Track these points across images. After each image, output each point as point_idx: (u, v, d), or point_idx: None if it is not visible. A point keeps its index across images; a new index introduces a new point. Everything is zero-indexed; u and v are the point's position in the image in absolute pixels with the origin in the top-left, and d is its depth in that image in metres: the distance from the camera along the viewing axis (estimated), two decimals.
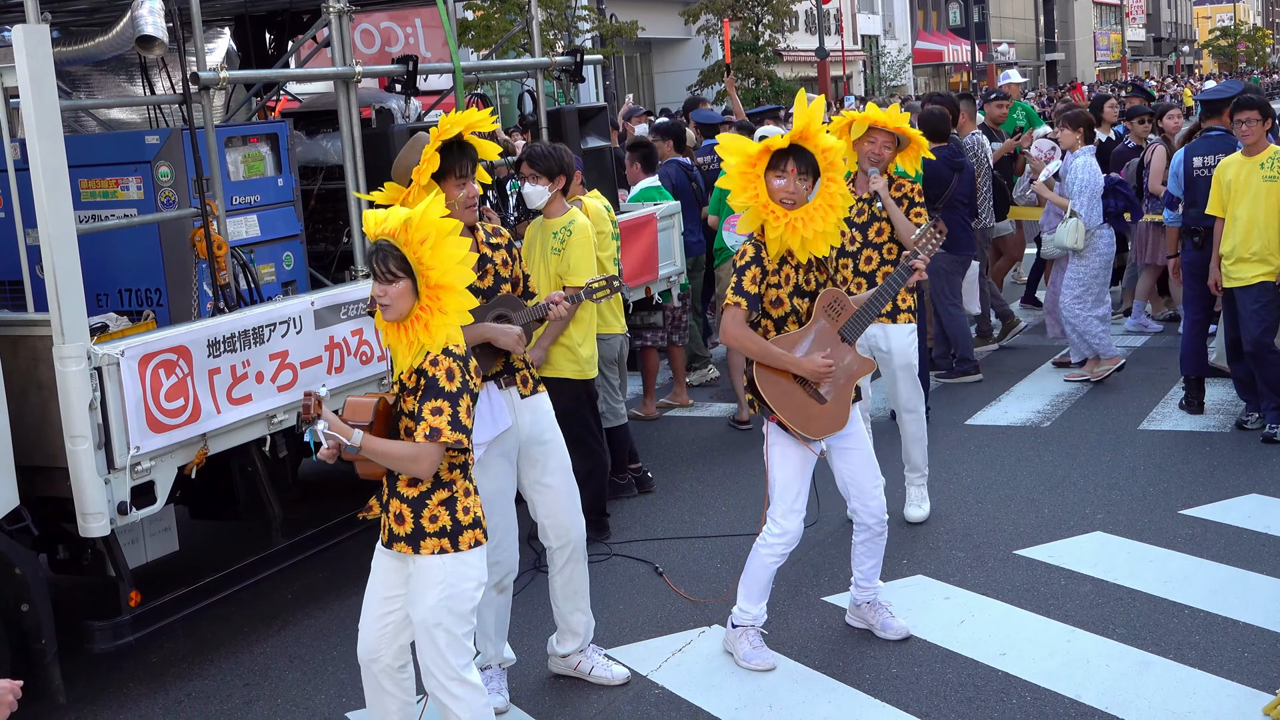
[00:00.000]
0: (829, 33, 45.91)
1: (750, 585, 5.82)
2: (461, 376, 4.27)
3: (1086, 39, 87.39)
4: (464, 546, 4.39)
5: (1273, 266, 8.46)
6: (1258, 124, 8.43)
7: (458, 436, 4.22)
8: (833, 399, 5.61)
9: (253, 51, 8.71)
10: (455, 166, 5.18)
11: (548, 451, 5.47)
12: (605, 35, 30.93)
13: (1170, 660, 5.56)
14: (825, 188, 5.53)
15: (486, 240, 5.35)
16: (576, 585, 5.66)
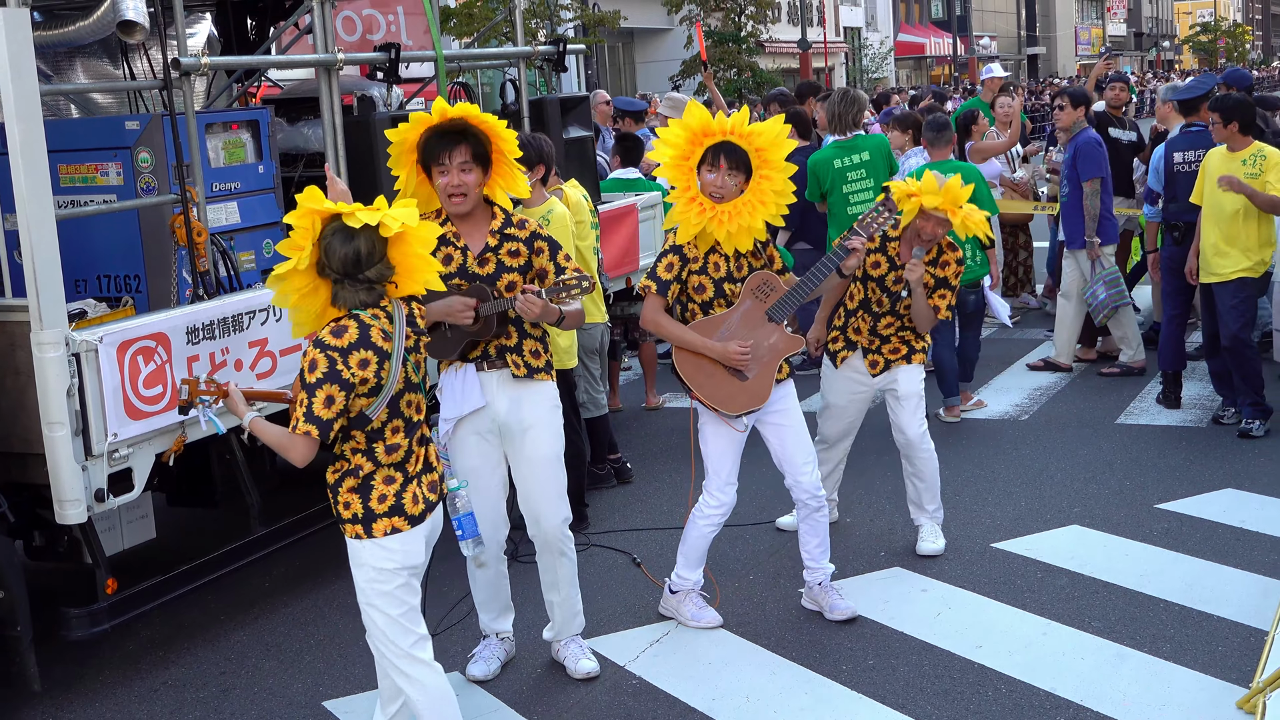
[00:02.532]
0: (811, 24, 45.96)
1: (689, 553, 6.15)
2: (328, 367, 4.25)
3: (1068, 33, 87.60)
4: (378, 533, 4.42)
5: (1251, 262, 8.51)
6: (1219, 127, 8.48)
7: (308, 428, 4.23)
8: (754, 376, 5.81)
9: (234, 37, 8.66)
10: (437, 154, 5.17)
11: (528, 439, 5.47)
12: (588, 24, 30.92)
13: (1145, 654, 5.59)
14: (757, 185, 5.67)
15: (500, 229, 5.35)
16: (549, 576, 5.68)
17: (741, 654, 5.85)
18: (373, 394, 4.34)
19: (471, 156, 5.18)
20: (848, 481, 7.08)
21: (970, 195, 8.85)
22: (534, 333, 5.45)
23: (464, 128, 5.17)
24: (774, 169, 5.68)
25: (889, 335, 6.76)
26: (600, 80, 37.94)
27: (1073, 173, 10.06)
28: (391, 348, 4.37)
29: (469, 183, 5.19)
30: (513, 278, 5.32)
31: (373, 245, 4.32)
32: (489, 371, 5.40)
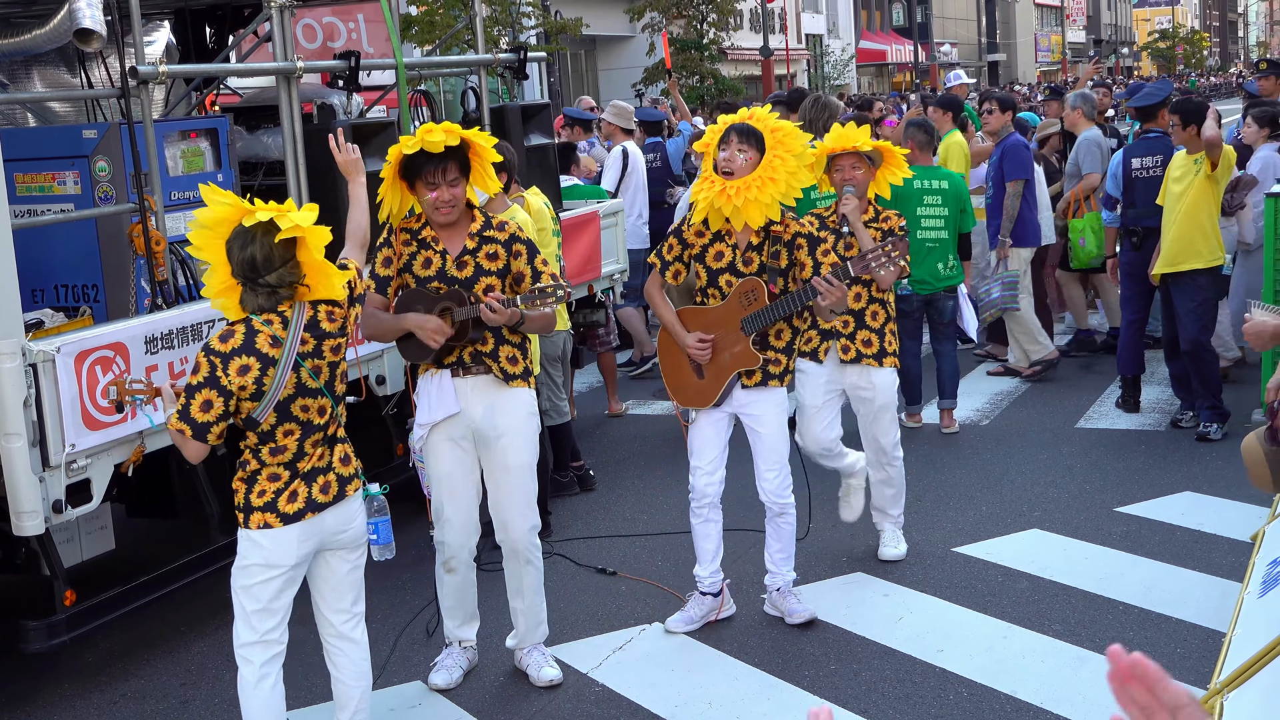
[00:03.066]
0: (773, 31, 46.06)
1: (697, 551, 6.16)
2: (209, 373, 4.37)
3: (1028, 40, 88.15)
4: (252, 526, 4.55)
5: (1204, 259, 8.58)
6: (1178, 129, 8.57)
7: (180, 426, 4.40)
8: (708, 377, 5.92)
9: (192, 45, 8.64)
10: (426, 171, 5.24)
11: (501, 446, 5.49)
12: (550, 32, 30.89)
13: (1104, 656, 5.61)
14: (769, 162, 5.69)
15: (478, 232, 5.39)
16: (515, 583, 5.69)
17: (704, 660, 5.86)
18: (256, 399, 4.39)
19: (459, 171, 5.29)
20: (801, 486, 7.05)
21: (962, 206, 8.93)
22: (511, 339, 5.46)
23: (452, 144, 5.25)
24: (789, 150, 5.73)
25: (860, 312, 6.70)
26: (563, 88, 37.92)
27: (998, 174, 10.27)
28: (280, 354, 4.41)
29: (457, 196, 5.30)
30: (490, 281, 5.35)
31: (270, 250, 4.38)
32: (464, 378, 5.43)
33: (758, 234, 5.82)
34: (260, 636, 4.62)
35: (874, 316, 6.74)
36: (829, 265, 5.86)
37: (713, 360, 5.88)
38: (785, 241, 5.82)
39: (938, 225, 8.99)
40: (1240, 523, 6.99)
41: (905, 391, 9.29)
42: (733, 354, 5.86)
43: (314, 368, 4.52)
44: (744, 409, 5.97)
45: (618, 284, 9.59)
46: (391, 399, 7.37)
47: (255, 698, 4.67)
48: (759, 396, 5.94)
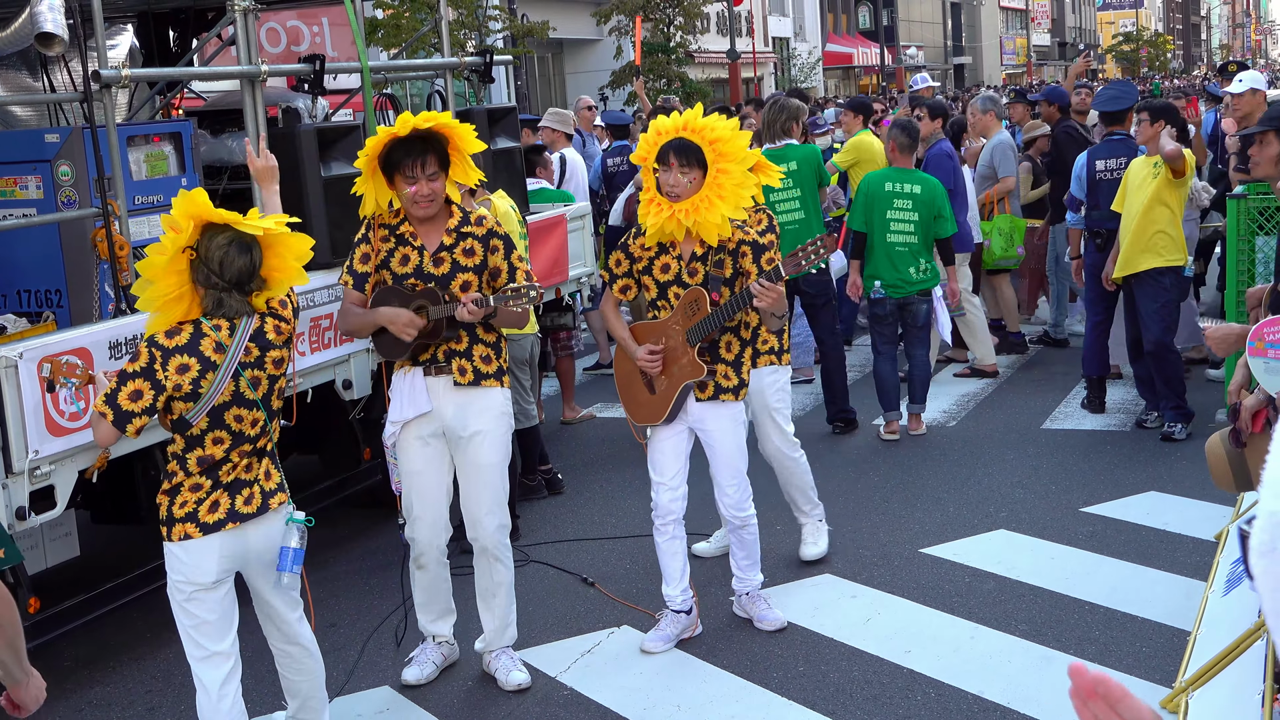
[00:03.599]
0: (740, 35, 46.12)
1: (663, 569, 6.07)
2: (147, 363, 4.36)
3: (993, 43, 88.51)
4: (174, 538, 4.51)
5: (1164, 258, 8.64)
6: (1146, 125, 8.64)
7: (105, 409, 4.36)
8: (659, 392, 5.87)
9: (156, 49, 8.59)
10: (404, 164, 5.26)
11: (472, 445, 5.51)
12: (516, 35, 30.84)
13: (1071, 655, 5.65)
14: (714, 179, 5.60)
15: (456, 228, 5.41)
16: (484, 582, 5.71)
17: (672, 663, 5.86)
18: (191, 399, 4.38)
19: (438, 165, 5.29)
20: (775, 489, 7.07)
21: (937, 212, 8.91)
22: (486, 338, 5.48)
23: (428, 135, 5.26)
24: (731, 161, 5.62)
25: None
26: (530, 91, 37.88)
27: None
28: (222, 360, 4.41)
29: (436, 190, 5.31)
30: (467, 277, 5.36)
31: (260, 257, 4.43)
32: (436, 377, 5.46)
33: (701, 244, 5.74)
34: (207, 653, 4.61)
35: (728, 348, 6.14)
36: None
37: (663, 373, 5.84)
38: (730, 250, 5.73)
39: (907, 230, 9.00)
40: (1205, 522, 7.04)
41: (881, 399, 9.29)
42: (680, 366, 5.81)
43: (253, 378, 4.52)
44: (699, 424, 5.92)
45: (584, 287, 9.59)
46: (358, 403, 7.35)
47: (215, 715, 4.63)
48: (712, 411, 5.88)
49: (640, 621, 6.27)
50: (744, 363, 5.91)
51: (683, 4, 38.52)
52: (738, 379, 5.89)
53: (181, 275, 4.43)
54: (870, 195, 9.11)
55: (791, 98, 9.78)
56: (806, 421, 9.74)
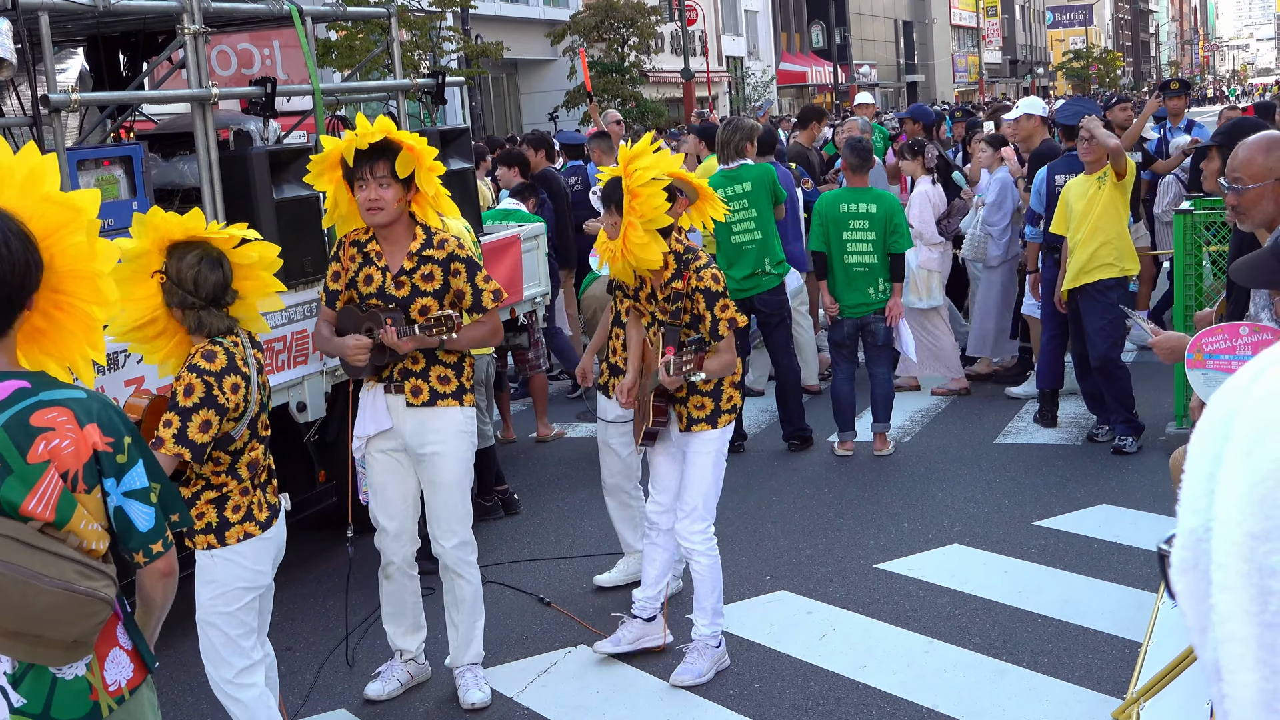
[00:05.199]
0: (694, 54, 46.32)
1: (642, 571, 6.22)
2: (205, 392, 4.33)
3: (945, 61, 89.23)
4: (230, 540, 4.51)
5: (1116, 269, 8.74)
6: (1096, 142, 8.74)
7: (179, 450, 4.32)
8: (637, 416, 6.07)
9: (106, 72, 8.56)
10: (358, 169, 5.30)
11: (430, 464, 5.55)
12: (470, 56, 30.89)
13: (1024, 668, 5.70)
14: (629, 210, 5.71)
15: (418, 251, 5.43)
16: (449, 596, 5.75)
17: (628, 681, 5.87)
18: (238, 417, 4.41)
19: (389, 172, 5.29)
20: (731, 506, 7.09)
21: (893, 228, 8.95)
22: (445, 358, 5.50)
23: (384, 144, 5.26)
24: (639, 215, 5.67)
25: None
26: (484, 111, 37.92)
27: None
28: (250, 372, 4.45)
29: (386, 197, 5.31)
30: (426, 302, 5.38)
31: (231, 271, 4.45)
32: (396, 395, 5.52)
33: (664, 287, 5.87)
34: (249, 662, 4.63)
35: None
36: (725, 323, 5.73)
37: (641, 398, 6.00)
38: (686, 294, 5.82)
39: (865, 250, 9.03)
40: (1156, 534, 7.10)
41: (837, 417, 9.32)
42: (645, 405, 5.95)
43: (261, 382, 4.56)
44: (678, 446, 6.00)
45: (540, 306, 9.60)
46: (313, 425, 7.33)
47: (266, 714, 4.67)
48: (687, 439, 5.93)
49: (597, 641, 6.27)
50: (723, 390, 5.90)
51: (637, 24, 38.69)
52: (713, 406, 5.89)
53: (153, 299, 4.43)
54: (826, 217, 9.15)
55: (746, 118, 9.84)
56: (761, 438, 9.78)
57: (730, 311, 5.75)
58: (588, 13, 38.37)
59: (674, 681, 5.79)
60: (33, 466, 2.75)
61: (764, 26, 62.79)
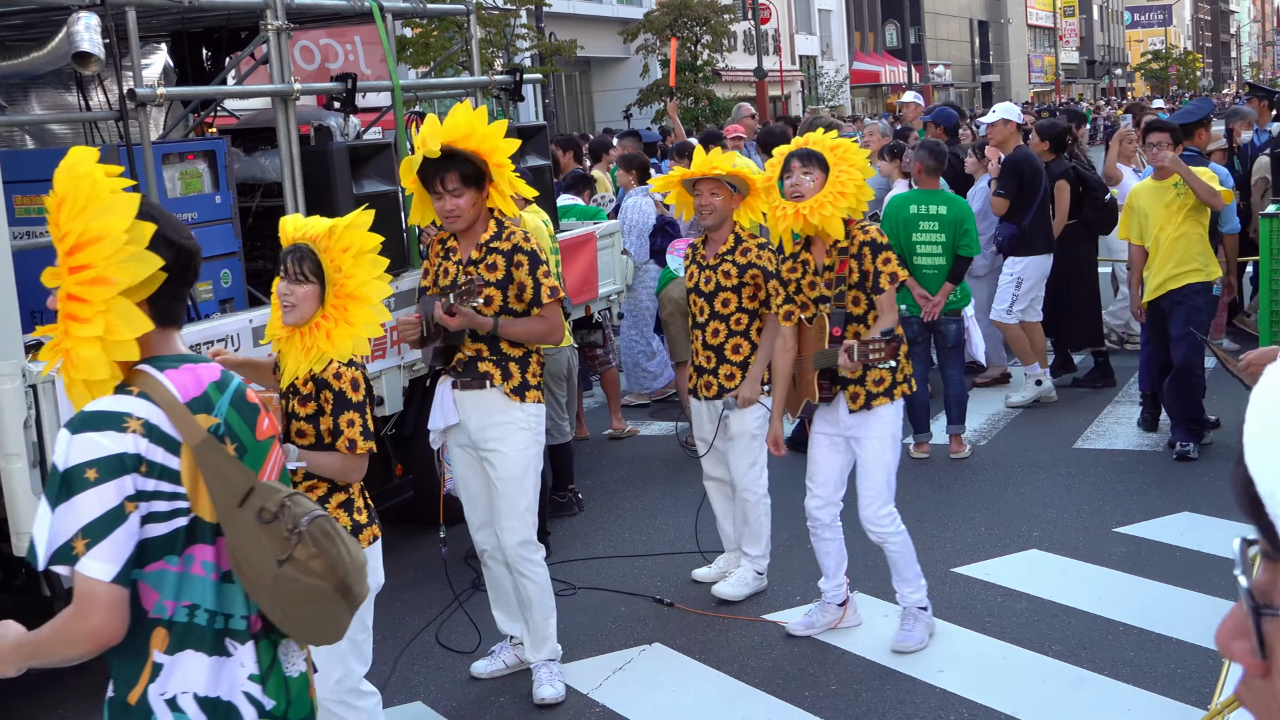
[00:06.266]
0: (767, 53, 46.19)
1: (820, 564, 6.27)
2: (365, 385, 4.42)
3: (1021, 61, 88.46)
4: (364, 543, 4.53)
5: (1203, 273, 8.60)
6: (1168, 147, 8.59)
7: (370, 445, 4.40)
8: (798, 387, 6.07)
9: (190, 68, 8.65)
10: (430, 180, 5.37)
11: (494, 459, 5.57)
12: (544, 54, 30.97)
13: (1105, 676, 5.62)
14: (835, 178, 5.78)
15: (486, 242, 5.48)
16: (517, 596, 5.75)
17: (704, 680, 5.85)
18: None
19: (461, 180, 5.34)
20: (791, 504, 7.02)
21: (963, 231, 8.86)
22: (511, 353, 5.50)
23: (452, 153, 5.29)
24: (852, 165, 5.83)
25: (720, 346, 6.59)
26: (557, 109, 37.99)
27: None
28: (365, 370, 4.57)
29: (460, 205, 5.38)
30: (489, 292, 5.38)
31: None
32: (462, 391, 5.55)
33: (828, 253, 5.88)
34: (370, 664, 4.70)
35: (735, 350, 6.60)
36: (886, 276, 5.82)
37: (799, 374, 6.03)
38: (853, 254, 5.85)
39: (935, 251, 8.95)
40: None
41: (911, 419, 9.23)
42: (805, 380, 5.96)
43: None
44: (849, 432, 5.98)
45: (615, 304, 9.60)
46: (389, 419, 7.37)
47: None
48: (862, 420, 5.92)
49: (673, 639, 6.27)
50: (899, 363, 5.88)
51: (710, 22, 38.61)
52: (890, 379, 5.89)
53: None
54: (896, 218, 9.08)
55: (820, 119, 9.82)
56: None
57: (892, 265, 5.84)
58: (661, 11, 38.33)
59: (896, 648, 5.96)
60: (261, 443, 2.91)
61: (838, 26, 62.53)
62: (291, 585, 2.78)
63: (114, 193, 2.77)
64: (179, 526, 2.75)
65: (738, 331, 6.58)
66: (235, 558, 2.79)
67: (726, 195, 6.53)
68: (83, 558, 2.63)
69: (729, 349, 6.59)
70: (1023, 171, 10.21)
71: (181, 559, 2.76)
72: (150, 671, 2.78)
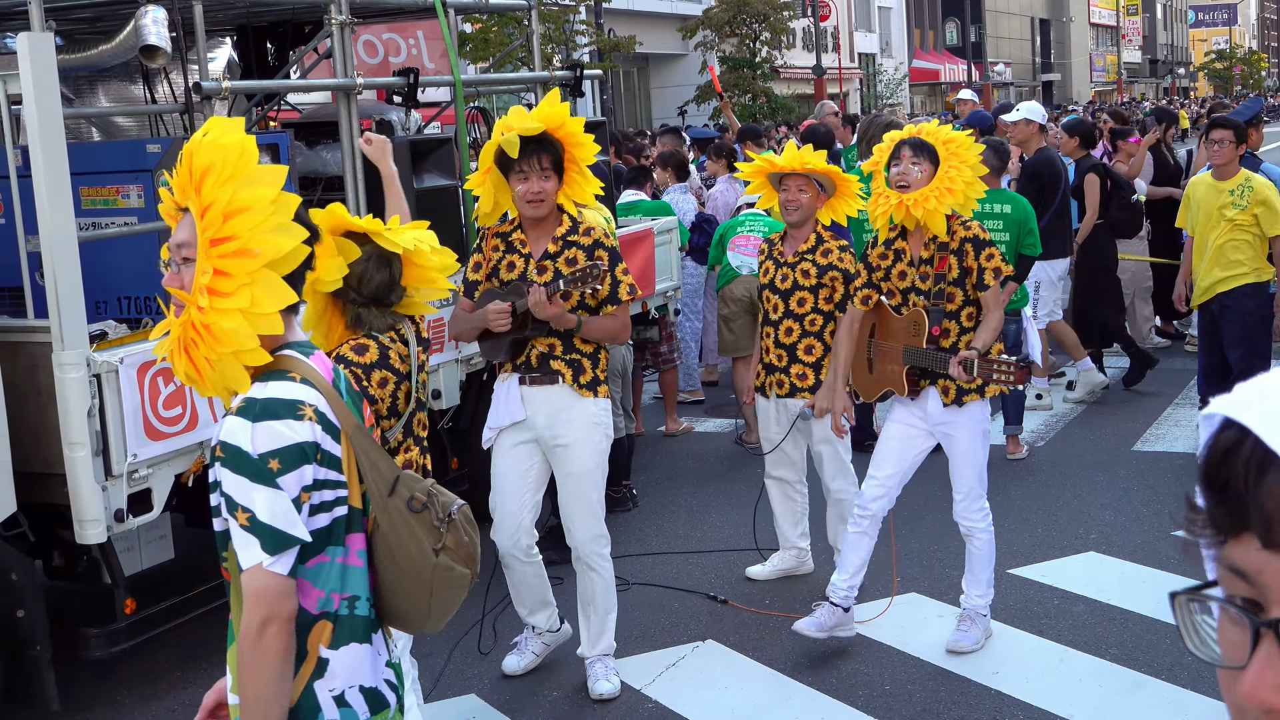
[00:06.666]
0: (826, 50, 46.04)
1: (841, 557, 6.08)
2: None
3: (1083, 60, 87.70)
4: None
5: (1256, 275, 8.50)
6: (1230, 145, 8.49)
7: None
8: (874, 373, 6.01)
9: (254, 61, 8.73)
10: (514, 162, 5.26)
11: (566, 455, 5.56)
12: (603, 50, 30.99)
13: (1162, 680, 5.57)
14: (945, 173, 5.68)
15: (564, 235, 5.47)
16: (582, 588, 5.73)
17: (756, 677, 5.85)
18: (392, 415, 4.40)
19: (551, 164, 5.29)
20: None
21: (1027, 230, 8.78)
22: (582, 348, 5.49)
23: (543, 136, 5.25)
24: (963, 161, 5.71)
25: (793, 345, 6.56)
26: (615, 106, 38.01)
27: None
28: (408, 370, 4.44)
29: (547, 189, 5.33)
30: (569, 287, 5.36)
31: (400, 271, 4.41)
32: (531, 387, 5.50)
33: (926, 246, 5.78)
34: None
35: (809, 350, 6.56)
36: (990, 271, 5.70)
37: (880, 361, 5.93)
38: (954, 250, 5.74)
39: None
40: None
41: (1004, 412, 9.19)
42: (891, 370, 5.86)
43: (423, 381, 4.58)
44: (940, 427, 5.89)
45: (672, 300, 9.61)
46: (446, 413, 7.41)
47: None
48: (954, 416, 5.83)
49: (727, 636, 6.27)
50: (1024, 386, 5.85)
51: (769, 19, 38.53)
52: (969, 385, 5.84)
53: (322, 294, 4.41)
54: None
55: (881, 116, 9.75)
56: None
57: (996, 260, 5.71)
58: (720, 7, 38.27)
59: (952, 648, 5.90)
60: (369, 429, 2.89)
61: (897, 23, 62.23)
62: (447, 574, 2.79)
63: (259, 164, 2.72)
64: (339, 516, 2.71)
65: (811, 332, 6.55)
66: (388, 547, 2.75)
67: (814, 193, 6.47)
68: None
69: (801, 349, 6.57)
70: (1042, 176, 10.04)
71: (340, 549, 2.73)
72: (315, 667, 2.72)
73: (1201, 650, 0.99)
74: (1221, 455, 0.96)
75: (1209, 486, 0.97)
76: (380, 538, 2.75)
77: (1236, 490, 0.94)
